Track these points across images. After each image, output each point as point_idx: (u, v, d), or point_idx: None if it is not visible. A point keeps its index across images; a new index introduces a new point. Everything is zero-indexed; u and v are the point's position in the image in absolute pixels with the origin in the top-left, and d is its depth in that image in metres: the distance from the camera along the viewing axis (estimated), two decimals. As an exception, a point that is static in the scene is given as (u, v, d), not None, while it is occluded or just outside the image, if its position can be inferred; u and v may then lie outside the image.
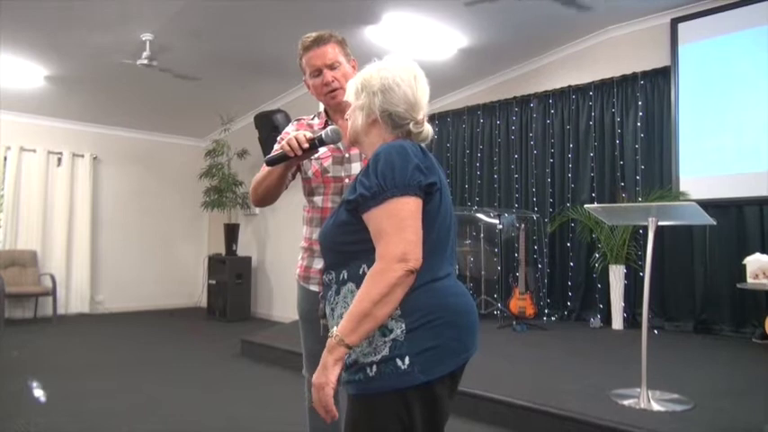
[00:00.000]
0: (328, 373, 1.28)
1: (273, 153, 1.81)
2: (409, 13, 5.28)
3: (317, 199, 2.02)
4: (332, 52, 1.97)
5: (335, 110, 2.03)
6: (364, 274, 1.33)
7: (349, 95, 1.50)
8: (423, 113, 1.44)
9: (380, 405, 1.31)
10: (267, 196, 1.96)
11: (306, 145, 1.73)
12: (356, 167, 1.96)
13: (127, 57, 5.70)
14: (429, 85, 1.46)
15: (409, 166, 1.32)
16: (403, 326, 1.30)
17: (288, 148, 1.73)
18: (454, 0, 5.07)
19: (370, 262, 1.32)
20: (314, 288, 2.02)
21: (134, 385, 4.38)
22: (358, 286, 1.34)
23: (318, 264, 1.99)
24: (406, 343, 1.29)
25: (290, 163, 1.82)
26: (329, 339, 1.29)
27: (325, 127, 2.01)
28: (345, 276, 1.39)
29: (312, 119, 2.11)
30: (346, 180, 1.96)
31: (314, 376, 1.31)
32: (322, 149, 1.89)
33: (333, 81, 1.96)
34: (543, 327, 5.70)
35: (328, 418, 1.32)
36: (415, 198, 1.31)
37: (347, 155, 1.97)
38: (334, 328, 1.30)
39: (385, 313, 1.27)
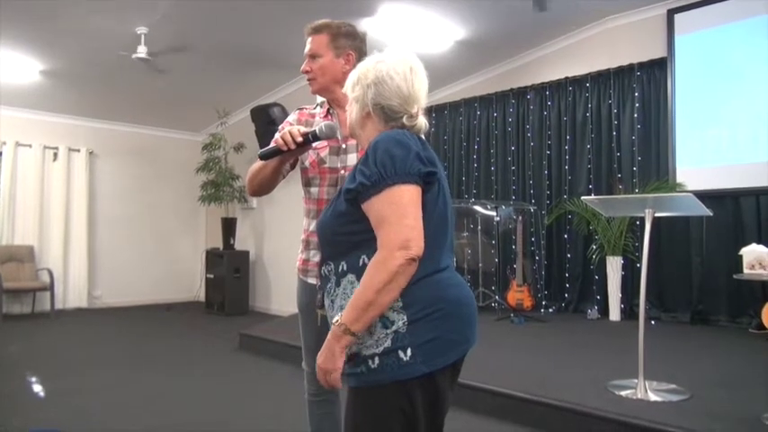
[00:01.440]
0: (336, 360, 1.31)
1: (267, 147, 1.81)
2: (406, 5, 5.26)
3: (314, 190, 2.01)
4: (316, 42, 1.99)
5: (332, 100, 2.04)
6: (364, 265, 1.33)
7: (347, 87, 1.50)
8: (417, 107, 1.43)
9: (383, 397, 1.32)
10: (263, 187, 1.97)
11: (300, 139, 1.73)
12: (352, 158, 1.95)
13: (122, 51, 5.67)
14: (427, 78, 1.45)
15: (409, 155, 1.32)
16: (405, 318, 1.30)
17: (281, 142, 1.73)
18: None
19: (370, 252, 1.32)
20: (312, 281, 2.02)
21: (133, 380, 4.39)
22: (358, 277, 1.34)
23: (316, 256, 2.00)
24: (408, 335, 1.30)
25: (284, 157, 1.82)
26: (333, 327, 1.31)
27: (327, 117, 2.02)
28: (345, 268, 1.39)
29: (314, 108, 2.11)
30: (342, 171, 1.95)
31: (319, 359, 1.33)
32: (318, 144, 1.89)
33: (308, 71, 2.00)
34: (541, 319, 5.71)
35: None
36: (415, 186, 1.32)
37: (344, 146, 1.96)
38: (338, 316, 1.31)
39: (388, 300, 1.28)
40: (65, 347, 5.67)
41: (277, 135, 1.80)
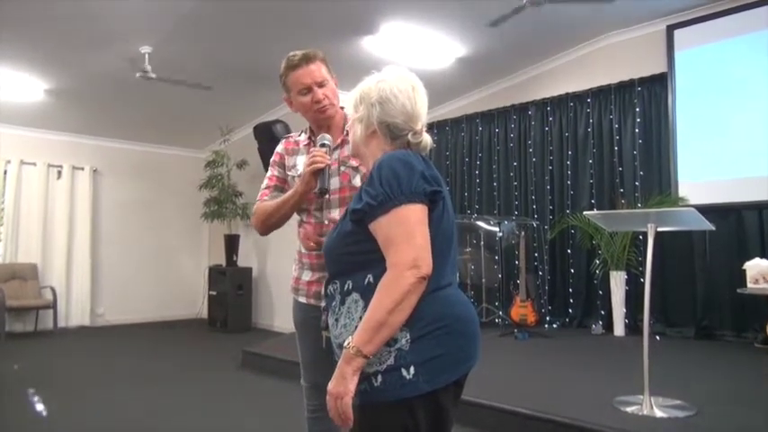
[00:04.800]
0: (347, 383, 1.28)
1: (321, 179, 1.84)
2: (407, 23, 5.31)
3: (302, 214, 2.07)
4: (317, 70, 1.99)
5: (321, 125, 2.05)
6: (369, 284, 1.34)
7: (348, 108, 1.52)
8: (421, 124, 1.45)
9: (386, 415, 1.31)
10: (279, 225, 2.05)
11: (328, 160, 1.84)
12: (335, 182, 1.98)
13: (126, 70, 5.72)
14: (428, 94, 1.48)
15: (414, 174, 1.33)
16: (408, 335, 1.30)
17: (319, 161, 1.81)
18: (452, 10, 5.11)
19: (376, 272, 1.32)
20: (302, 300, 2.08)
21: (135, 397, 4.37)
22: (363, 296, 1.35)
23: (306, 276, 2.06)
24: (410, 352, 1.29)
25: (310, 187, 1.87)
26: (345, 350, 1.29)
27: (309, 143, 2.07)
28: (350, 287, 1.39)
29: (299, 135, 2.16)
30: (327, 195, 1.98)
31: (330, 385, 1.30)
32: (300, 163, 1.98)
33: (324, 98, 1.98)
34: (545, 334, 5.69)
35: (346, 426, 1.31)
36: (421, 205, 1.32)
37: (327, 170, 1.98)
38: (349, 338, 1.30)
39: (400, 321, 1.27)
40: (67, 365, 5.65)
41: (302, 168, 1.90)
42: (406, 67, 1.50)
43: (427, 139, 1.47)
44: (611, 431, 2.85)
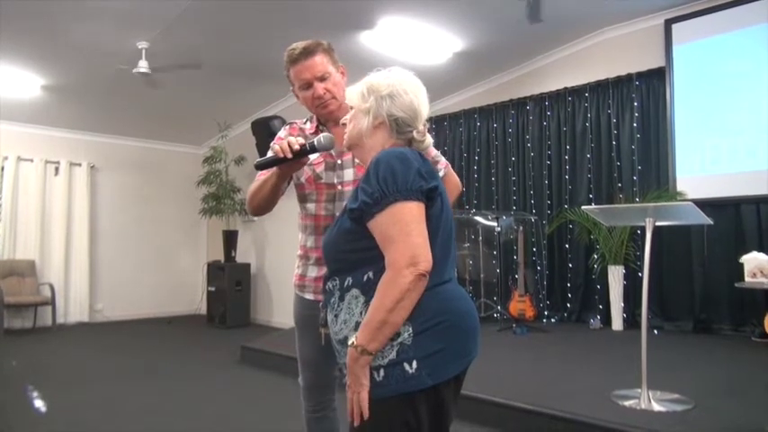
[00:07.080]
0: (361, 379, 1.31)
1: (264, 157, 1.77)
2: (404, 17, 5.29)
3: (310, 206, 1.99)
4: (320, 63, 1.92)
5: (327, 119, 2.00)
6: (369, 280, 1.34)
7: (351, 99, 1.52)
8: (423, 124, 1.49)
9: (388, 409, 1.32)
10: (263, 206, 1.92)
11: (297, 147, 1.68)
12: (348, 174, 1.94)
13: (123, 65, 5.71)
14: (426, 89, 1.52)
15: (411, 171, 1.34)
16: (410, 329, 1.31)
17: (278, 149, 1.69)
18: (449, 4, 5.09)
19: (375, 268, 1.33)
20: (308, 296, 2.01)
21: (134, 393, 4.38)
22: (363, 292, 1.35)
23: (313, 272, 1.99)
24: (413, 347, 1.30)
25: (282, 171, 1.78)
26: (350, 349, 1.31)
27: (316, 132, 1.98)
28: (350, 283, 1.40)
29: (305, 123, 2.08)
30: (339, 186, 1.94)
31: (348, 387, 1.33)
32: (313, 156, 1.86)
33: (324, 93, 1.92)
34: (543, 329, 5.69)
35: (358, 420, 1.33)
36: (417, 202, 1.33)
37: (339, 161, 1.94)
38: (353, 338, 1.31)
39: (401, 318, 1.29)
40: (66, 362, 5.66)
41: (274, 146, 1.76)
42: (404, 67, 1.54)
43: (429, 139, 1.52)
44: (610, 425, 2.86)
